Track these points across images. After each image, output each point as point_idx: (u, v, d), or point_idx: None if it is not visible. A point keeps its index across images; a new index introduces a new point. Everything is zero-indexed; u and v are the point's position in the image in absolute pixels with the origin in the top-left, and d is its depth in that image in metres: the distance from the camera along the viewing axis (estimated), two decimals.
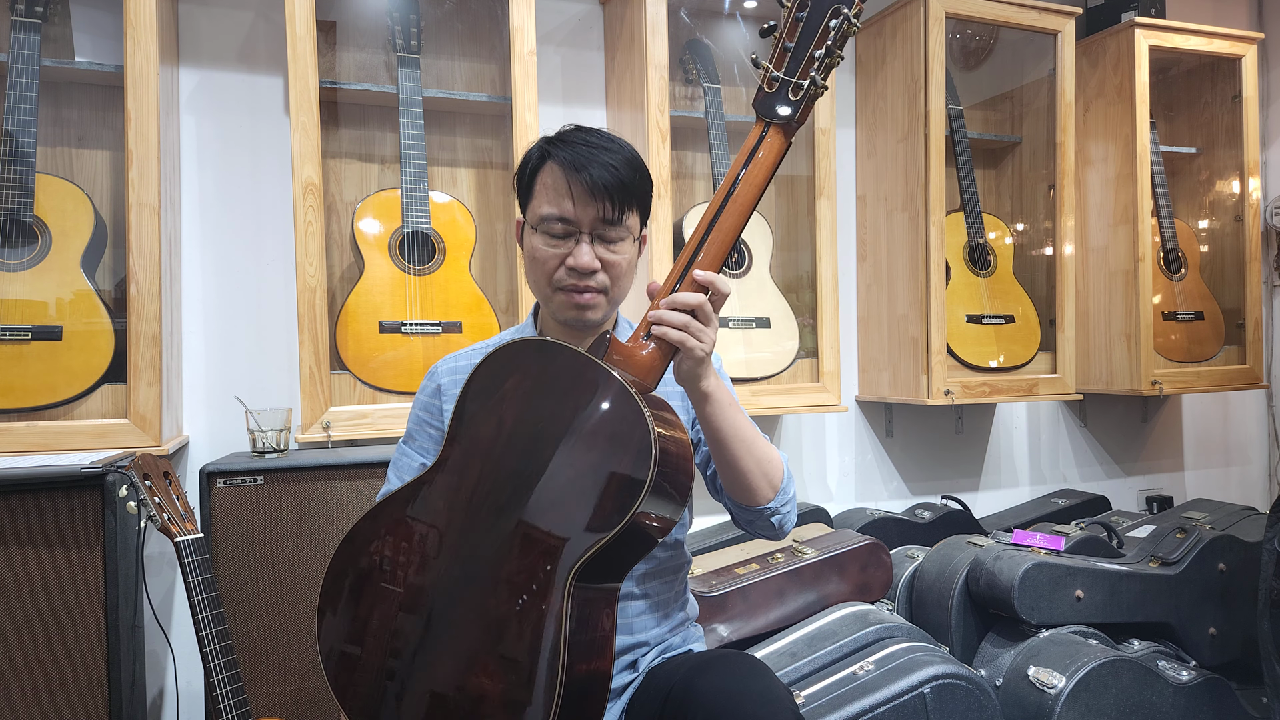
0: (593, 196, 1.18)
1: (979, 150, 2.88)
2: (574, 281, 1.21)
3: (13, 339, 1.74)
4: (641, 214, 1.26)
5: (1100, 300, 2.88)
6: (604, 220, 1.20)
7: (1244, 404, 3.47)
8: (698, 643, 1.36)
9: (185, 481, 2.04)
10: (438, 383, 1.35)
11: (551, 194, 1.21)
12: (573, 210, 1.19)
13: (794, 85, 1.05)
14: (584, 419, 1.01)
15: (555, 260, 1.22)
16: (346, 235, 2.15)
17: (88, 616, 1.59)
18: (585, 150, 1.20)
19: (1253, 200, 2.97)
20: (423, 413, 1.35)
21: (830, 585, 2.10)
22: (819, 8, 1.03)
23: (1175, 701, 1.93)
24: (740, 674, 1.11)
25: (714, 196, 1.11)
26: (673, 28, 2.27)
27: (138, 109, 1.79)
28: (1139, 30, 2.74)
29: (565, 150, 1.20)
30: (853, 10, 1.02)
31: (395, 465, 1.37)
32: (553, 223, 1.21)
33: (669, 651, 1.29)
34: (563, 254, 1.21)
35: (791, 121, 1.07)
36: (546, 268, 1.23)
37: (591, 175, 1.18)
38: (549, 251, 1.22)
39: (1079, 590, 2.06)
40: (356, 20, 2.20)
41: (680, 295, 1.06)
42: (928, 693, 1.72)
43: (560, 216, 1.20)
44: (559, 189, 1.20)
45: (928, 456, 2.90)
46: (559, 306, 1.25)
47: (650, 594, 1.28)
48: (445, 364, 1.37)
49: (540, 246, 1.23)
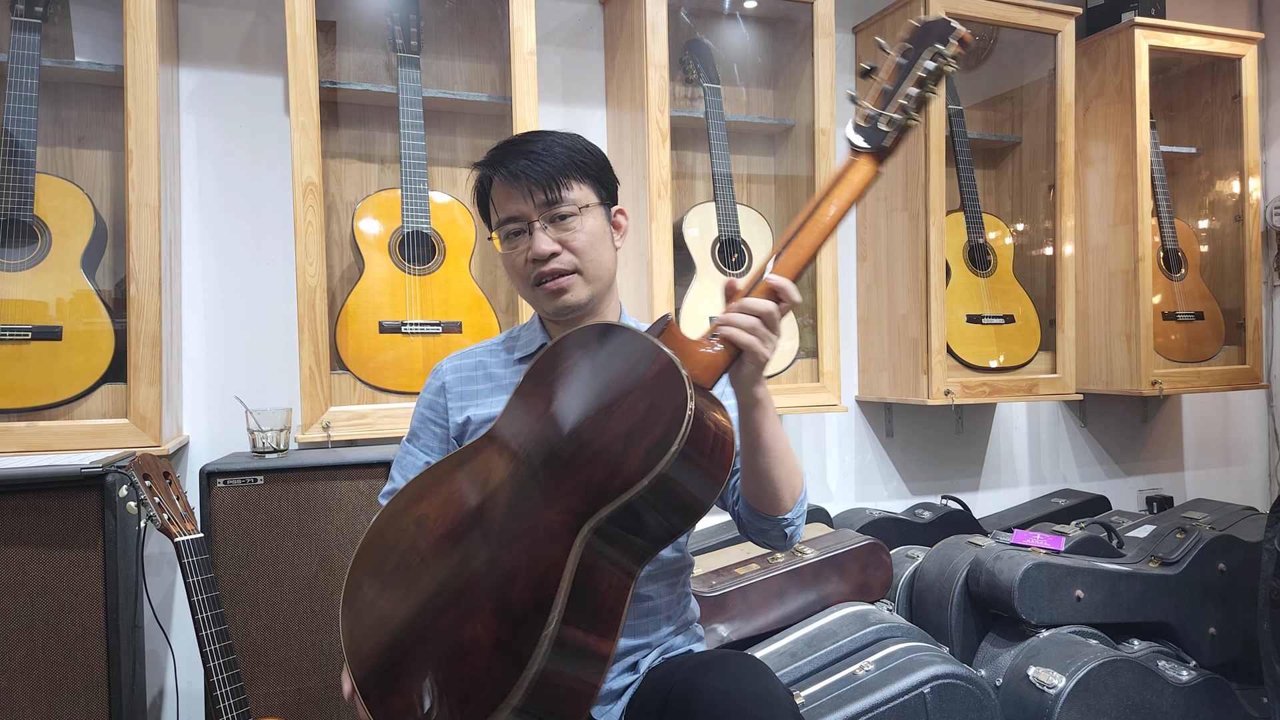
0: (522, 187, 1.22)
1: (979, 150, 2.88)
2: (539, 271, 1.24)
3: (13, 339, 1.74)
4: (592, 186, 1.27)
5: (1100, 300, 2.88)
6: (545, 204, 1.23)
7: (1244, 404, 3.47)
8: (698, 643, 1.36)
9: (185, 481, 2.04)
10: (442, 380, 1.36)
11: (498, 204, 1.26)
12: (515, 207, 1.24)
13: (887, 118, 1.10)
14: (628, 387, 1.01)
15: (521, 259, 1.26)
16: (346, 235, 2.15)
17: (88, 616, 1.59)
18: (505, 151, 1.26)
19: (1253, 200, 2.97)
20: (427, 410, 1.37)
21: (830, 585, 2.10)
22: (918, 51, 1.09)
23: (1175, 701, 1.93)
24: (740, 674, 1.12)
25: (800, 213, 1.14)
26: (673, 28, 2.27)
27: (138, 109, 1.79)
28: (1139, 30, 2.73)
29: (490, 161, 1.26)
30: (949, 50, 1.07)
31: (399, 464, 1.37)
32: (505, 225, 1.26)
33: (670, 652, 1.30)
34: (524, 250, 1.25)
35: (880, 150, 1.12)
36: (517, 269, 1.27)
37: (516, 168, 1.22)
38: (512, 253, 1.27)
39: (1079, 590, 2.06)
40: (356, 20, 2.20)
41: (751, 300, 1.07)
42: (928, 693, 1.72)
43: (508, 218, 1.25)
44: (499, 195, 1.26)
45: (928, 456, 2.90)
46: (542, 302, 1.28)
47: (653, 596, 1.29)
48: (450, 362, 1.38)
49: (509, 254, 1.27)
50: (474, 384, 1.35)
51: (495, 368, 1.36)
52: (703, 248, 2.38)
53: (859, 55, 2.76)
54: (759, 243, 2.45)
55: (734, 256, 2.41)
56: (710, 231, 2.40)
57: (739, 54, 2.61)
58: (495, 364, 1.37)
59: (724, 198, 2.40)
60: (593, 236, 1.26)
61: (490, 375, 1.35)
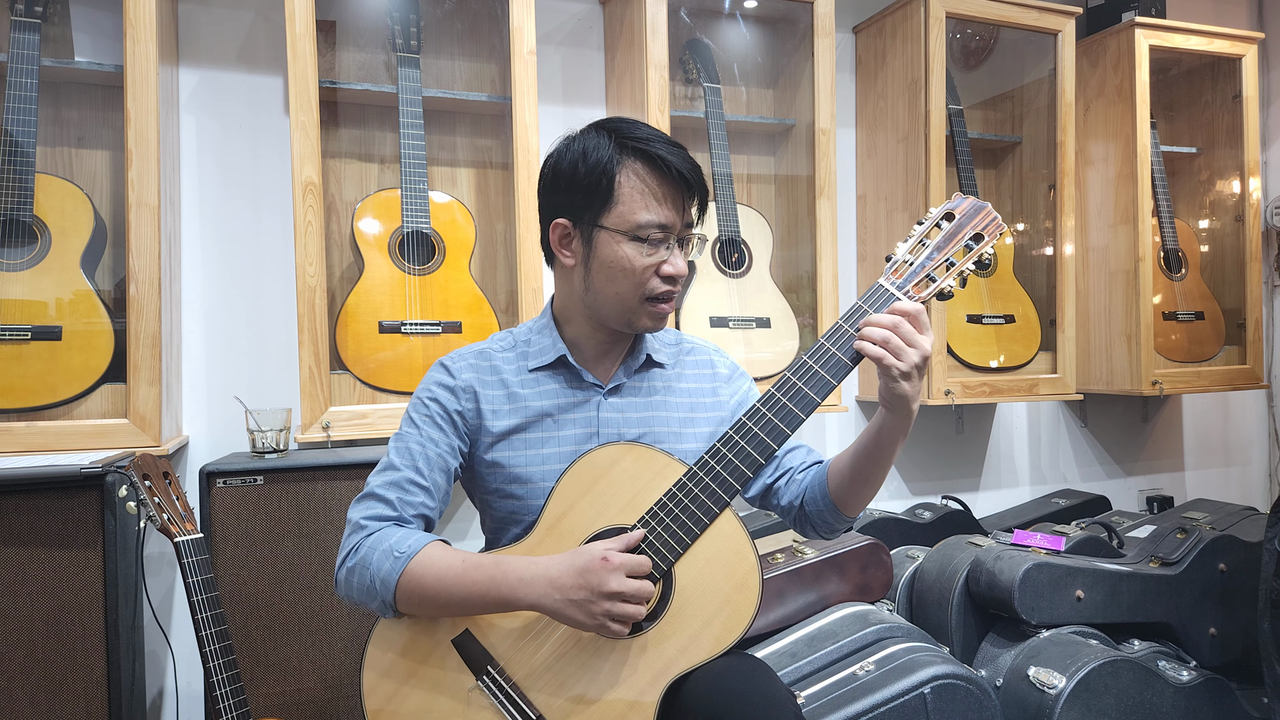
0: (682, 199, 1.17)
1: (979, 150, 2.88)
2: (667, 289, 1.19)
3: (12, 339, 1.74)
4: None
5: (1100, 300, 2.88)
6: (688, 224, 1.20)
7: (1244, 404, 3.47)
8: None
9: (185, 481, 2.04)
10: (468, 383, 1.25)
11: (648, 199, 1.17)
12: (669, 214, 1.17)
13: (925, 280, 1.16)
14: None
15: (650, 269, 1.18)
16: (346, 235, 2.15)
17: (88, 616, 1.59)
18: (664, 145, 1.16)
19: (1253, 200, 2.97)
20: (446, 408, 1.24)
21: (830, 585, 2.10)
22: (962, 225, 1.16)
23: (1175, 702, 1.93)
24: (743, 675, 1.11)
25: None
26: (673, 28, 2.27)
27: (137, 109, 1.79)
28: (1139, 30, 2.73)
29: (647, 146, 1.16)
30: (988, 239, 1.15)
31: (407, 452, 1.22)
32: (653, 229, 1.17)
33: None
34: (657, 263, 1.18)
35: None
36: (640, 278, 1.18)
37: (685, 175, 1.16)
38: (645, 261, 1.18)
39: (1079, 590, 2.06)
40: (356, 20, 2.19)
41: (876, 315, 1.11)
42: (928, 693, 1.72)
43: (661, 223, 1.17)
44: (655, 193, 1.16)
45: (928, 456, 2.90)
46: (643, 317, 1.21)
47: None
48: (464, 360, 1.28)
49: (634, 255, 1.17)
50: (491, 389, 1.26)
51: (509, 375, 1.27)
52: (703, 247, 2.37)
53: (859, 56, 2.76)
54: (759, 242, 2.45)
55: (734, 256, 2.41)
56: (710, 231, 2.40)
57: (739, 54, 2.61)
58: (510, 372, 1.28)
59: (724, 198, 2.40)
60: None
61: (504, 382, 1.27)
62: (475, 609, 1.13)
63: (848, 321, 1.14)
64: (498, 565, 1.11)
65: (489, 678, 1.13)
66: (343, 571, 1.18)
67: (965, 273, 1.16)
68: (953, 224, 1.17)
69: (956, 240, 1.16)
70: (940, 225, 1.17)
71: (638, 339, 1.32)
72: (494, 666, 1.13)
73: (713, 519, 1.13)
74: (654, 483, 1.15)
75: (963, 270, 1.16)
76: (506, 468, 1.25)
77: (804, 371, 1.13)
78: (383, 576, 1.12)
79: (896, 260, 1.16)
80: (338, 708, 1.80)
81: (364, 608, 1.17)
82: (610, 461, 1.17)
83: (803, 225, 2.51)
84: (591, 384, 1.28)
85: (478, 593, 1.11)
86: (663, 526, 1.13)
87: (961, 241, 1.16)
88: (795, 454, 1.34)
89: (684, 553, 1.13)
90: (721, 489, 1.12)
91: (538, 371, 1.28)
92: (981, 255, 1.16)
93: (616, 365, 1.31)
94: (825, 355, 1.13)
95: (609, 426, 1.26)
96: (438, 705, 1.13)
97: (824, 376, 1.13)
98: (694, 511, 1.13)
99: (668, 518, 1.13)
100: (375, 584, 1.13)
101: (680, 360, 1.36)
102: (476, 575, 1.11)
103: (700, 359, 1.38)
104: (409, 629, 1.17)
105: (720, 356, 1.41)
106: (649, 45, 2.18)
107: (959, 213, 1.17)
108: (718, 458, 1.13)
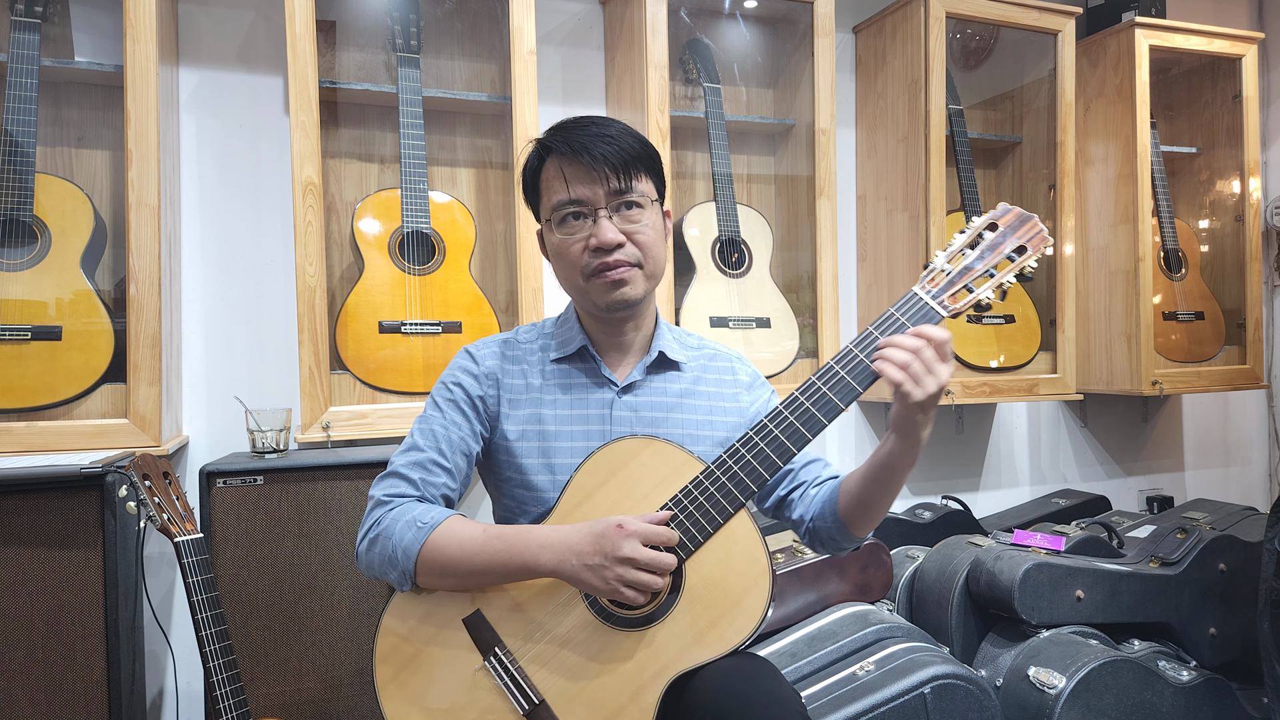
0: (597, 171, 1.17)
1: (979, 150, 2.88)
2: (602, 260, 1.19)
3: (12, 339, 1.74)
4: (654, 180, 1.25)
5: (1100, 300, 2.88)
6: (616, 192, 1.19)
7: (1244, 404, 3.47)
8: None
9: (185, 481, 2.04)
10: (491, 371, 1.28)
11: (558, 183, 1.20)
12: (582, 190, 1.18)
13: (961, 290, 1.16)
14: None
15: (579, 246, 1.20)
16: (346, 235, 2.15)
17: (88, 616, 1.59)
18: (576, 132, 1.20)
19: (1253, 200, 2.97)
20: (469, 392, 1.27)
21: (830, 585, 2.10)
22: (1005, 235, 1.15)
23: (1175, 702, 1.93)
24: (748, 674, 1.11)
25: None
26: (673, 27, 2.27)
27: (137, 109, 1.79)
28: (1139, 30, 2.73)
29: (558, 138, 1.20)
30: (1033, 254, 1.14)
31: (431, 434, 1.25)
32: (565, 208, 1.20)
33: None
34: (584, 238, 1.20)
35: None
36: (571, 257, 1.21)
37: (591, 152, 1.17)
38: (570, 239, 1.21)
39: (1079, 590, 2.06)
40: (356, 20, 2.19)
41: (900, 336, 1.11)
42: (928, 693, 1.72)
43: (571, 199, 1.19)
44: (563, 176, 1.19)
45: (928, 456, 2.90)
46: (597, 293, 1.22)
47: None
48: (488, 347, 1.31)
49: (561, 238, 1.21)
50: (513, 378, 1.29)
51: (532, 365, 1.30)
52: (703, 247, 2.38)
53: (859, 55, 2.76)
54: (759, 242, 2.45)
55: (734, 256, 2.41)
56: (710, 231, 2.40)
57: (739, 54, 2.61)
58: (533, 362, 1.31)
59: (724, 197, 2.40)
60: (655, 231, 1.24)
61: (526, 372, 1.30)
62: (496, 577, 1.15)
63: (879, 328, 1.14)
64: (519, 534, 1.14)
65: (496, 659, 1.14)
66: (364, 544, 1.20)
67: (1006, 285, 1.14)
68: (996, 234, 1.16)
69: (999, 251, 1.15)
70: (983, 235, 1.16)
71: (650, 336, 1.33)
72: (501, 648, 1.15)
73: (727, 519, 1.13)
74: (671, 478, 1.16)
75: (1003, 282, 1.14)
76: (521, 457, 1.26)
77: (830, 377, 1.14)
78: (404, 546, 1.14)
79: (934, 269, 1.15)
80: (338, 708, 1.80)
81: (383, 579, 1.19)
82: (630, 454, 1.18)
83: (803, 225, 2.51)
84: (608, 379, 1.29)
85: (500, 560, 1.13)
86: (675, 522, 1.14)
87: (1004, 253, 1.14)
88: (811, 468, 1.34)
89: (696, 550, 1.13)
90: (738, 489, 1.13)
91: (559, 363, 1.30)
92: (1024, 268, 1.14)
93: (632, 362, 1.32)
94: (853, 361, 1.14)
95: (622, 424, 1.27)
96: (445, 679, 1.15)
97: (849, 382, 1.13)
98: (709, 510, 1.13)
99: (682, 514, 1.14)
100: (397, 554, 1.15)
101: (702, 364, 1.37)
102: (498, 544, 1.14)
103: (722, 365, 1.39)
104: (424, 603, 1.18)
105: (742, 364, 1.41)
106: (649, 45, 2.18)
107: (1003, 223, 1.16)
108: (736, 458, 1.14)
